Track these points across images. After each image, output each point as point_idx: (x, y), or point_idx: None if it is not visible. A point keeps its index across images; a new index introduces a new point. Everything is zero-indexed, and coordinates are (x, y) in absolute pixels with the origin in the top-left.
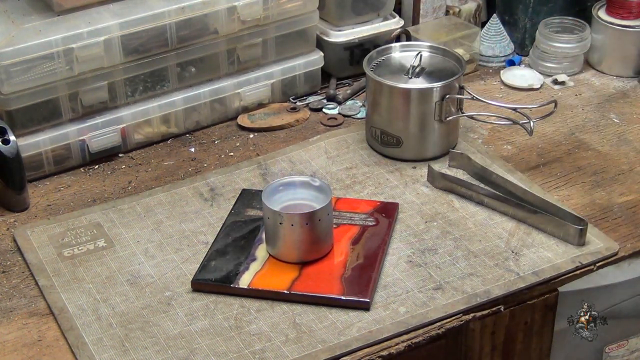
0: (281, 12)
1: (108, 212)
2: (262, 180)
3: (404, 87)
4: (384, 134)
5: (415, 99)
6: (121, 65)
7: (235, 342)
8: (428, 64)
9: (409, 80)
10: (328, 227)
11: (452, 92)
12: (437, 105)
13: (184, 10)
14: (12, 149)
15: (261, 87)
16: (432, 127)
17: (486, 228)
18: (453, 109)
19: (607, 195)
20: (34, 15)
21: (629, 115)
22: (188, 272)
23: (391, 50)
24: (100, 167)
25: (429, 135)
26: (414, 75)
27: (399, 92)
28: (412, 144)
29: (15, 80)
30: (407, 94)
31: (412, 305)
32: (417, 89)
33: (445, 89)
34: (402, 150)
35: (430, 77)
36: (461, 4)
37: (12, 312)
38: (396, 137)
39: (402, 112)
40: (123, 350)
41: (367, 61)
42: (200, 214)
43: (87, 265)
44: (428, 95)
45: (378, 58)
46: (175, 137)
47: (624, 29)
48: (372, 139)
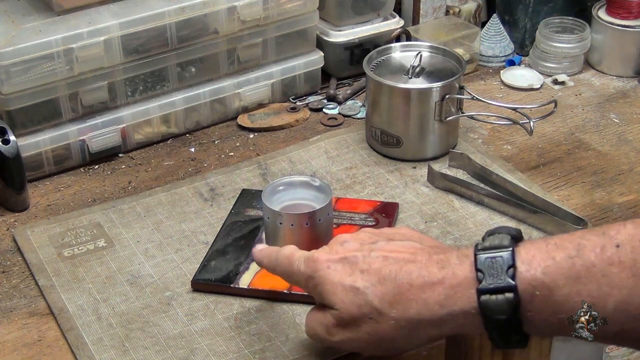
0: (281, 12)
1: (108, 212)
2: (262, 180)
3: (403, 87)
4: (384, 134)
5: (415, 99)
6: (121, 65)
7: (235, 342)
8: (428, 64)
9: (409, 80)
10: (328, 227)
11: (452, 92)
12: (437, 105)
13: (184, 10)
14: (12, 149)
15: (261, 87)
16: (432, 127)
17: (486, 228)
18: (453, 109)
19: (607, 195)
20: (34, 15)
21: (629, 115)
22: (188, 272)
23: (391, 50)
24: (100, 167)
25: (429, 135)
26: (414, 75)
27: (398, 92)
28: (412, 144)
29: (15, 80)
30: (407, 94)
31: None
32: (417, 88)
33: (445, 89)
34: (402, 150)
35: (431, 77)
36: (461, 4)
37: (12, 312)
38: (396, 137)
39: (402, 112)
40: (123, 350)
41: (367, 61)
42: (200, 214)
43: (87, 265)
44: (428, 95)
45: (378, 58)
46: (175, 137)
47: (624, 29)
48: (372, 139)
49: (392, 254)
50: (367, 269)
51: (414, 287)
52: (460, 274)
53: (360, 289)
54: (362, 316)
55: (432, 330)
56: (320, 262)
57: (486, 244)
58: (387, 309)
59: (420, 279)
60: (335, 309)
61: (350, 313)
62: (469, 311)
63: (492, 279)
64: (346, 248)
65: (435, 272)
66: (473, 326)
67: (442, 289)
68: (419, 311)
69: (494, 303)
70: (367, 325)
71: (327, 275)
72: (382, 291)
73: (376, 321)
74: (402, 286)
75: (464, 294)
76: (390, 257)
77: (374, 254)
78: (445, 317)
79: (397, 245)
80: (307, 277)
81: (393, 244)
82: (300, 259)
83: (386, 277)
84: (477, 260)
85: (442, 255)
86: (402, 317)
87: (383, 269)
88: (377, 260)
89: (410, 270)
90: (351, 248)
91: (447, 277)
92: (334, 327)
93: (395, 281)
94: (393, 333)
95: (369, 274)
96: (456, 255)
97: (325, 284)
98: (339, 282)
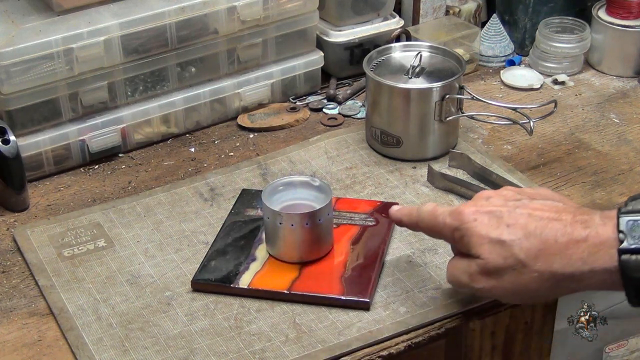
0: (281, 12)
1: (108, 212)
2: (262, 180)
3: (403, 87)
4: (384, 134)
5: (415, 99)
6: (121, 65)
7: (235, 342)
8: (428, 64)
9: (409, 80)
10: (328, 227)
11: (452, 92)
12: (437, 105)
13: (184, 10)
14: (12, 149)
15: (261, 87)
16: (432, 127)
17: None
18: (453, 109)
19: (607, 195)
20: (34, 15)
21: (629, 115)
22: (188, 272)
23: (391, 50)
24: (100, 167)
25: (429, 135)
26: (414, 75)
27: (398, 92)
28: (412, 144)
29: (15, 80)
30: (407, 94)
31: (412, 305)
32: (417, 88)
33: (445, 89)
34: (402, 150)
35: (430, 77)
36: (461, 4)
37: (12, 312)
38: (396, 137)
39: (402, 112)
40: (123, 350)
41: (367, 61)
42: (200, 214)
43: (87, 265)
44: (428, 95)
45: (378, 58)
46: (175, 137)
47: (624, 29)
48: (372, 139)
49: (536, 212)
50: (513, 223)
51: (559, 243)
52: (603, 233)
53: (507, 241)
54: (507, 267)
55: (572, 285)
56: (467, 215)
57: (629, 208)
58: (532, 262)
59: (565, 237)
60: (481, 259)
61: (495, 264)
62: (609, 269)
63: (633, 240)
64: (491, 203)
65: (580, 230)
66: (611, 283)
67: (586, 247)
68: (562, 266)
69: (635, 262)
70: (510, 275)
71: (473, 227)
72: (528, 245)
73: (519, 273)
74: (547, 242)
75: (606, 252)
76: (535, 214)
77: (519, 210)
78: (587, 273)
79: (540, 204)
80: (453, 229)
81: (536, 203)
82: (444, 213)
83: (532, 233)
84: (620, 222)
85: (585, 216)
86: (545, 271)
87: (529, 224)
88: (523, 217)
89: (555, 228)
90: (496, 203)
91: (590, 236)
92: (478, 275)
93: (540, 237)
94: (534, 285)
95: (514, 228)
96: (599, 217)
97: (472, 236)
98: (485, 234)
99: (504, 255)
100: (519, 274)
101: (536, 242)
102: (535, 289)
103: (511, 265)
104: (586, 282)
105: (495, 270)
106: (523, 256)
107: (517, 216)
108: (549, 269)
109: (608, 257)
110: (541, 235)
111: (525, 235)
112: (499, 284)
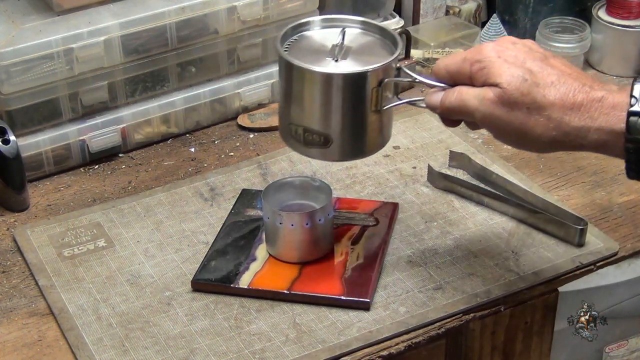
0: (281, 12)
1: (108, 212)
2: (262, 180)
3: (330, 72)
4: (307, 132)
5: (344, 87)
6: (121, 65)
7: (235, 342)
8: (354, 42)
9: (334, 63)
10: (328, 227)
11: (389, 75)
12: (373, 92)
13: (184, 10)
14: (12, 149)
15: (261, 87)
16: (368, 119)
17: (486, 228)
18: (389, 95)
19: (607, 195)
20: (34, 15)
21: None
22: (188, 272)
23: (309, 26)
24: (100, 167)
25: (365, 129)
26: (339, 57)
27: (325, 78)
28: (344, 142)
29: (15, 80)
30: (337, 81)
31: (412, 305)
32: (344, 73)
33: (381, 73)
34: (331, 150)
35: (360, 58)
36: (461, 4)
37: (12, 312)
38: (324, 134)
39: (329, 103)
40: (123, 350)
41: (280, 40)
42: (200, 214)
43: (87, 265)
44: (360, 81)
45: (293, 35)
46: (175, 137)
47: (624, 29)
48: (292, 138)
49: (559, 66)
50: (538, 71)
51: (575, 98)
52: (617, 97)
53: (529, 80)
54: (521, 103)
55: (576, 140)
56: (489, 50)
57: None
58: (546, 109)
59: (582, 94)
60: (500, 87)
61: (512, 95)
62: (615, 130)
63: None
64: (517, 48)
65: (597, 91)
66: (613, 146)
67: (599, 106)
68: (571, 119)
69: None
70: (521, 112)
71: (496, 60)
72: (546, 93)
73: (530, 113)
74: (565, 95)
75: (615, 114)
76: (557, 67)
77: (542, 62)
78: (594, 130)
79: (561, 63)
80: (473, 61)
81: (559, 60)
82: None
83: (553, 83)
84: (634, 88)
85: (603, 84)
86: (555, 119)
87: (550, 76)
88: (546, 67)
89: (574, 85)
90: (521, 49)
91: (605, 97)
92: (491, 101)
93: (559, 89)
94: (539, 130)
95: (538, 74)
96: (616, 85)
97: (493, 67)
98: (507, 68)
99: (522, 91)
100: (529, 114)
101: (554, 92)
102: (537, 135)
103: (526, 103)
104: (589, 140)
105: (509, 101)
106: (540, 99)
107: (540, 65)
108: (559, 118)
109: (616, 119)
110: (561, 87)
111: (546, 84)
112: (507, 116)
